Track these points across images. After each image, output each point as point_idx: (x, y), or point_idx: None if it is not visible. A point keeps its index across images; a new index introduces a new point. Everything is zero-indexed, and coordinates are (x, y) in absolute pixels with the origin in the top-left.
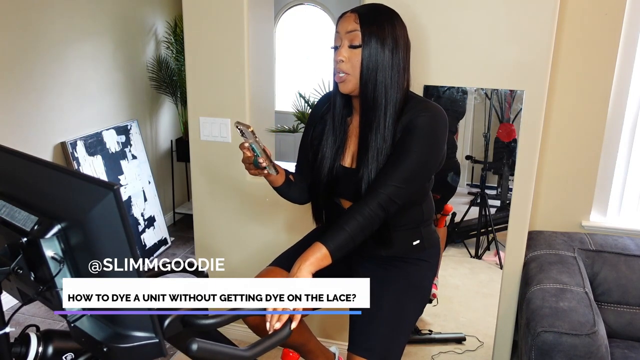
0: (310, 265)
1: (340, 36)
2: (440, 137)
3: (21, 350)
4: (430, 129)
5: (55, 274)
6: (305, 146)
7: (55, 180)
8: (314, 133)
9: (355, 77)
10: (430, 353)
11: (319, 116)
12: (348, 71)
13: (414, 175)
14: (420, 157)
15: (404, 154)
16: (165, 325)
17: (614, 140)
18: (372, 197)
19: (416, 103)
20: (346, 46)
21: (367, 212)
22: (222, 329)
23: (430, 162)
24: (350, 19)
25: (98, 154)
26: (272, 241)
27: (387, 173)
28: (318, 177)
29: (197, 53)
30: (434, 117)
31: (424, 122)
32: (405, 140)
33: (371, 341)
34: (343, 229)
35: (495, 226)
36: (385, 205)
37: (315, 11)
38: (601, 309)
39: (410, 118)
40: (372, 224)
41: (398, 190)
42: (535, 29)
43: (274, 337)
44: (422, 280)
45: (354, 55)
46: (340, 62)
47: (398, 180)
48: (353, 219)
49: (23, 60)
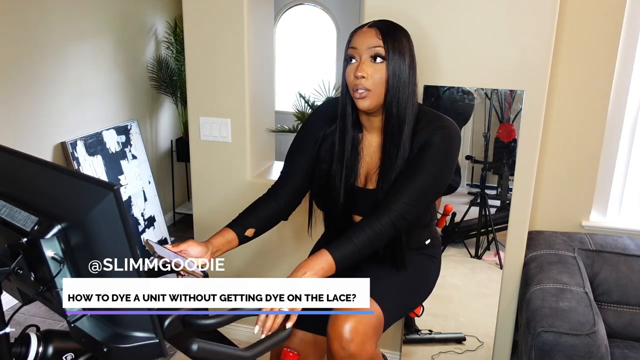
0: (313, 275)
1: (358, 51)
2: (455, 154)
3: (21, 350)
4: (445, 147)
5: (55, 274)
6: (303, 154)
7: (55, 180)
8: (321, 152)
9: (377, 94)
10: (430, 353)
11: (326, 133)
12: (370, 87)
13: (427, 192)
14: (434, 174)
15: (418, 170)
16: (165, 325)
17: (614, 140)
18: (384, 212)
19: (432, 119)
20: (367, 61)
21: (378, 227)
22: (222, 329)
23: (443, 180)
24: (371, 33)
25: (98, 154)
26: (272, 241)
27: (400, 189)
28: (336, 199)
29: (197, 53)
30: (450, 134)
31: (441, 139)
32: (421, 157)
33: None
34: (351, 241)
35: (495, 226)
36: (396, 222)
37: (315, 11)
38: (601, 309)
39: (427, 135)
40: (381, 240)
41: (410, 208)
42: (535, 29)
43: (274, 337)
44: (429, 273)
45: (376, 71)
46: (361, 79)
47: (411, 197)
48: (362, 232)
49: (23, 60)
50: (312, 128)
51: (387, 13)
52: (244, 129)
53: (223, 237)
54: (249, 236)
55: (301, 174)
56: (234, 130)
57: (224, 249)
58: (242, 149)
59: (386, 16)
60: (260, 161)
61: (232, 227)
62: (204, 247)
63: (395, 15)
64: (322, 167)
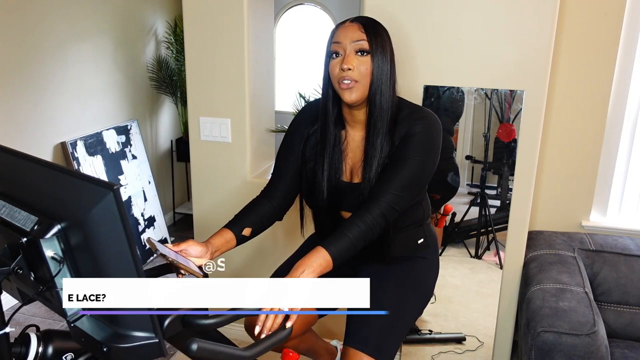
0: (312, 272)
1: (342, 45)
2: (437, 143)
3: (21, 350)
4: (427, 136)
5: (55, 274)
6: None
7: (55, 180)
8: (306, 151)
9: (363, 85)
10: (430, 353)
11: (310, 133)
12: (357, 78)
13: (413, 182)
14: (419, 164)
15: (402, 161)
16: (165, 325)
17: (614, 140)
18: (373, 205)
19: (411, 111)
20: (352, 54)
21: (370, 219)
22: (222, 329)
23: (427, 169)
24: (355, 27)
25: (98, 154)
26: (272, 241)
27: (387, 181)
28: (320, 196)
29: (197, 53)
30: (430, 124)
31: (421, 129)
32: (404, 148)
33: (366, 333)
34: (345, 236)
35: (495, 226)
36: (386, 213)
37: (315, 11)
38: (601, 309)
39: (408, 126)
40: (373, 232)
41: (398, 198)
42: (535, 29)
43: (274, 337)
44: (425, 278)
45: (361, 63)
46: (348, 70)
47: (398, 188)
48: (355, 226)
49: (23, 60)
50: (298, 128)
51: (387, 13)
52: (243, 129)
53: (222, 237)
54: (246, 235)
55: (291, 174)
56: (234, 130)
57: (223, 249)
58: (242, 149)
59: (386, 16)
60: (260, 161)
61: (230, 228)
62: (203, 247)
63: (395, 15)
64: (308, 165)
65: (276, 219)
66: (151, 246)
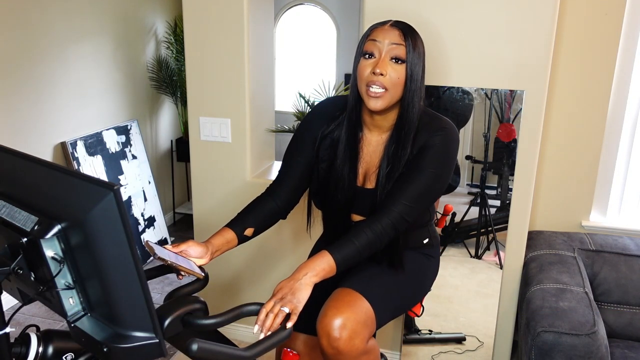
0: (315, 276)
1: (379, 46)
2: (453, 155)
3: (21, 350)
4: (444, 149)
5: (55, 274)
6: (301, 153)
7: (55, 180)
8: (320, 151)
9: (392, 95)
10: (430, 353)
11: (324, 133)
12: (387, 86)
13: (426, 194)
14: (434, 176)
15: (417, 172)
16: (165, 325)
17: (614, 140)
18: (384, 214)
19: (430, 120)
20: (387, 59)
21: (379, 228)
22: (222, 329)
23: (442, 181)
24: (395, 32)
25: (98, 154)
26: (272, 241)
27: (400, 191)
28: (336, 200)
29: (197, 53)
30: (449, 135)
31: (440, 141)
32: (421, 159)
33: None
34: (352, 243)
35: (495, 226)
36: (396, 223)
37: (315, 11)
38: (601, 309)
39: (427, 137)
40: (381, 241)
41: (410, 209)
42: (535, 29)
43: (274, 337)
44: (426, 271)
45: (395, 70)
46: (380, 76)
47: (411, 199)
48: (363, 234)
49: (23, 60)
50: (311, 127)
51: (387, 13)
52: (243, 129)
53: (222, 236)
54: (248, 235)
55: (299, 173)
56: (234, 130)
57: (223, 249)
58: (242, 149)
59: (386, 16)
60: (260, 161)
61: (231, 227)
62: (204, 247)
63: (395, 15)
64: (322, 166)
65: (280, 217)
66: (149, 250)
